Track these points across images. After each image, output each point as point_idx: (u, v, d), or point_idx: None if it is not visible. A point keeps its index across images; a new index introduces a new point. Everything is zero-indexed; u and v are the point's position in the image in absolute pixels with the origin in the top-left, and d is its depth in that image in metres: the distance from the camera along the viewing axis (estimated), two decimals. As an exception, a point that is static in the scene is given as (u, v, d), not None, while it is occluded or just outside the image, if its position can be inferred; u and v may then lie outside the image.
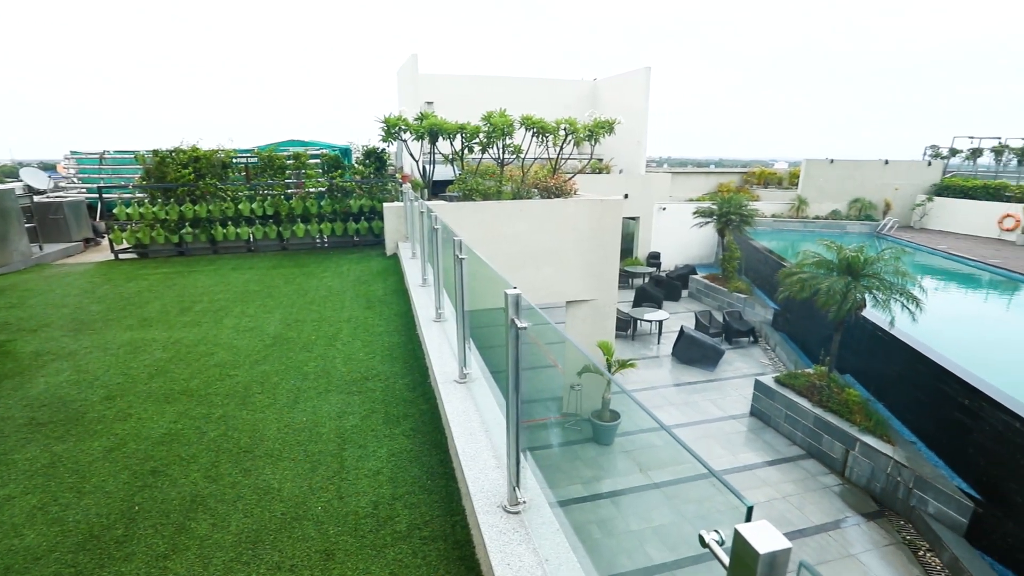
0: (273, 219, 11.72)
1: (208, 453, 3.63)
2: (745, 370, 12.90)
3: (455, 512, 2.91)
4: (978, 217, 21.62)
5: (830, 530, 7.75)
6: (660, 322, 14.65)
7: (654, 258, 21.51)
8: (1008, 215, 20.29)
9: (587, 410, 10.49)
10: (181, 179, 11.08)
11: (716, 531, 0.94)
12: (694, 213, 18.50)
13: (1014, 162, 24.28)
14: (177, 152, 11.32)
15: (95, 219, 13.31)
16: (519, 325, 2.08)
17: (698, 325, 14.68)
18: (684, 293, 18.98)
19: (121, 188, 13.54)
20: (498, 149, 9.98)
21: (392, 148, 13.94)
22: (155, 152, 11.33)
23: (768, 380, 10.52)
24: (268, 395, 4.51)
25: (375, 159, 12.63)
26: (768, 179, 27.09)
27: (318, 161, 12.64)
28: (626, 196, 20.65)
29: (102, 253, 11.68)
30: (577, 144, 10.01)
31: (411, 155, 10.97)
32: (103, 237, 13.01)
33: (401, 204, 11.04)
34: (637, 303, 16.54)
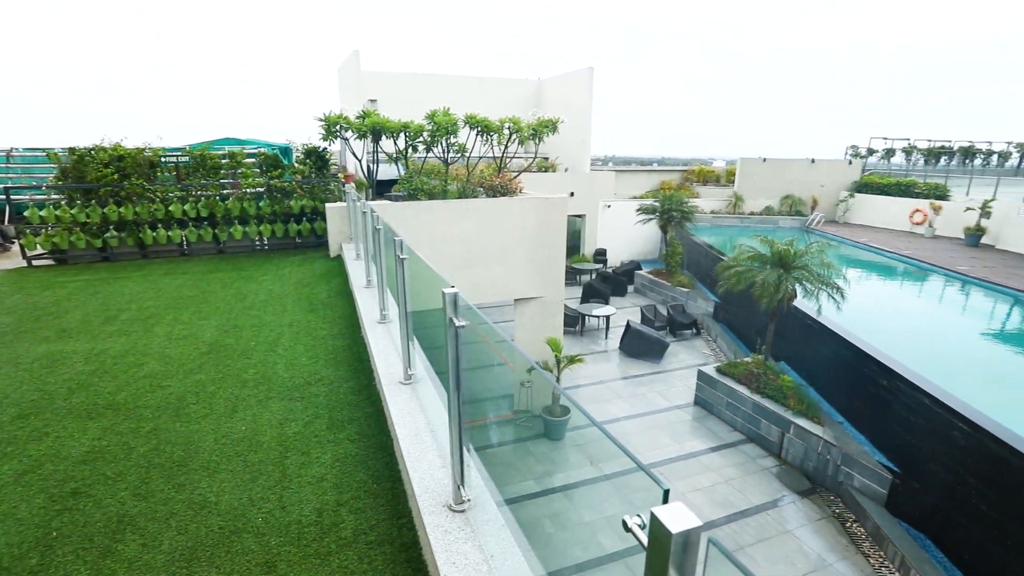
0: (208, 221, 11.18)
1: (137, 470, 3.43)
2: (689, 361, 13.39)
3: (401, 515, 2.89)
4: (893, 212, 23.32)
5: (768, 509, 8.17)
6: (607, 317, 14.99)
7: (600, 255, 21.96)
8: (917, 210, 21.99)
9: (538, 406, 10.61)
10: (103, 179, 10.37)
11: (639, 515, 0.98)
12: (637, 210, 19.03)
13: (921, 161, 26.36)
14: (97, 150, 10.59)
15: (2, 223, 12.28)
16: (457, 324, 2.08)
17: (644, 319, 15.12)
18: (630, 288, 19.49)
19: (33, 189, 12.54)
20: (443, 148, 9.93)
21: (336, 147, 13.59)
22: (71, 150, 10.55)
23: (710, 370, 10.97)
24: (204, 405, 4.30)
25: (316, 158, 12.27)
26: (707, 177, 28.20)
27: (255, 160, 12.15)
28: (572, 194, 20.99)
29: (11, 260, 10.78)
30: (522, 143, 10.09)
31: (354, 154, 10.74)
32: (13, 242, 12.02)
33: (344, 204, 10.79)
34: (585, 299, 16.85)
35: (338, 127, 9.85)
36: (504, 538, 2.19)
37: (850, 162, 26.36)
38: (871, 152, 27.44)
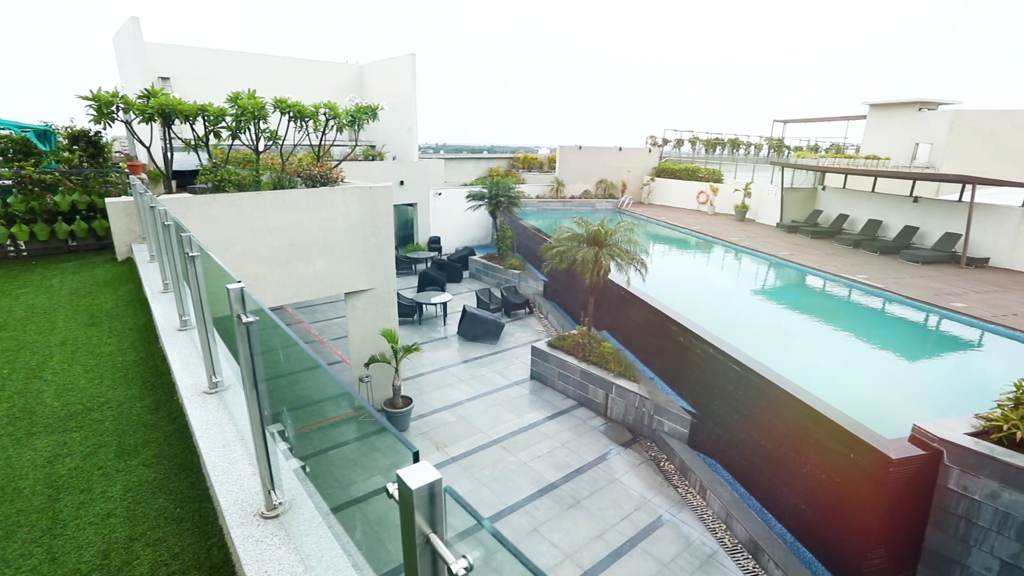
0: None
1: None
2: (524, 339, 14.18)
3: (211, 534, 2.62)
4: (684, 194, 27.16)
5: (599, 463, 9.08)
6: (444, 304, 15.16)
7: (435, 242, 22.05)
8: (701, 191, 25.94)
9: (380, 400, 10.38)
10: None
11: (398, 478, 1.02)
12: (467, 197, 19.44)
13: (703, 150, 31.05)
14: None
15: None
16: (245, 320, 1.94)
17: (479, 303, 15.60)
18: (465, 274, 19.93)
19: None
20: (252, 135, 9.01)
21: (122, 132, 11.53)
22: None
23: (542, 345, 11.75)
24: (-70, 456, 3.41)
25: (88, 144, 10.31)
26: (531, 164, 29.83)
27: (-3, 146, 9.81)
28: (402, 183, 20.70)
29: None
30: (340, 130, 9.61)
31: (140, 141, 9.23)
32: None
33: (132, 199, 9.26)
34: (421, 288, 16.82)
35: (114, 108, 8.36)
36: (321, 536, 2.12)
37: (649, 150, 29.96)
38: (665, 141, 31.52)
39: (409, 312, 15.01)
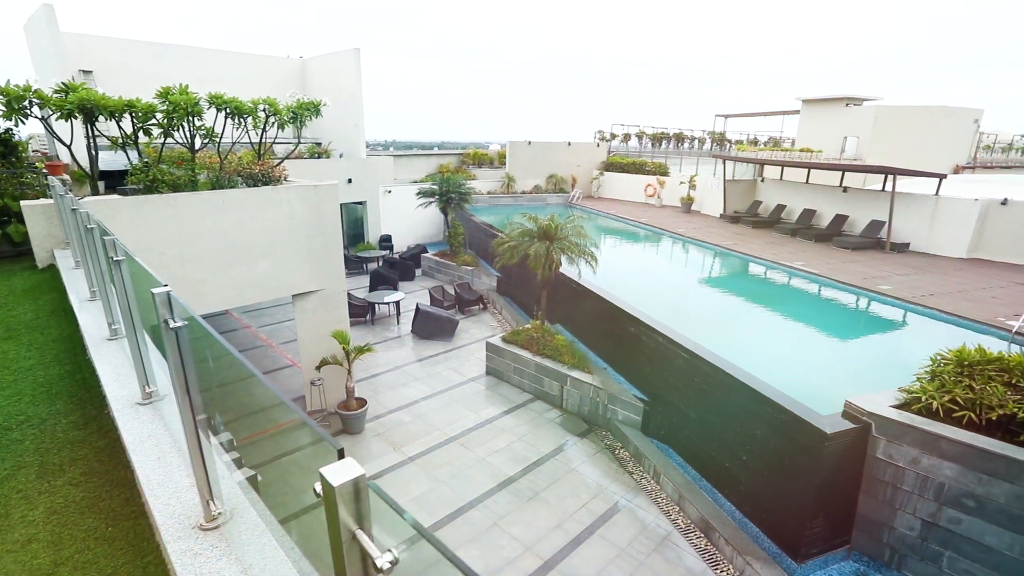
0: None
1: None
2: (478, 335, 14.17)
3: (146, 552, 2.50)
4: (632, 187, 27.78)
5: (556, 455, 9.20)
6: (397, 303, 14.96)
7: (386, 241, 21.70)
8: (649, 184, 26.60)
9: (333, 403, 10.15)
10: None
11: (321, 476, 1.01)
12: (417, 194, 19.21)
13: (649, 144, 31.85)
14: None
15: None
16: (173, 326, 1.85)
17: (433, 300, 15.47)
18: (418, 272, 19.73)
19: None
20: (185, 133, 8.57)
21: (40, 130, 10.71)
22: None
23: (497, 340, 11.77)
24: None
25: (-1, 143, 9.54)
26: (481, 159, 29.78)
27: None
28: (350, 181, 20.25)
29: None
30: (282, 127, 9.29)
31: (58, 139, 8.61)
32: None
33: (52, 201, 8.65)
34: (373, 287, 16.53)
35: (27, 103, 7.76)
36: (265, 544, 2.06)
37: (597, 145, 30.46)
38: (613, 136, 32.12)
39: (361, 312, 14.72)
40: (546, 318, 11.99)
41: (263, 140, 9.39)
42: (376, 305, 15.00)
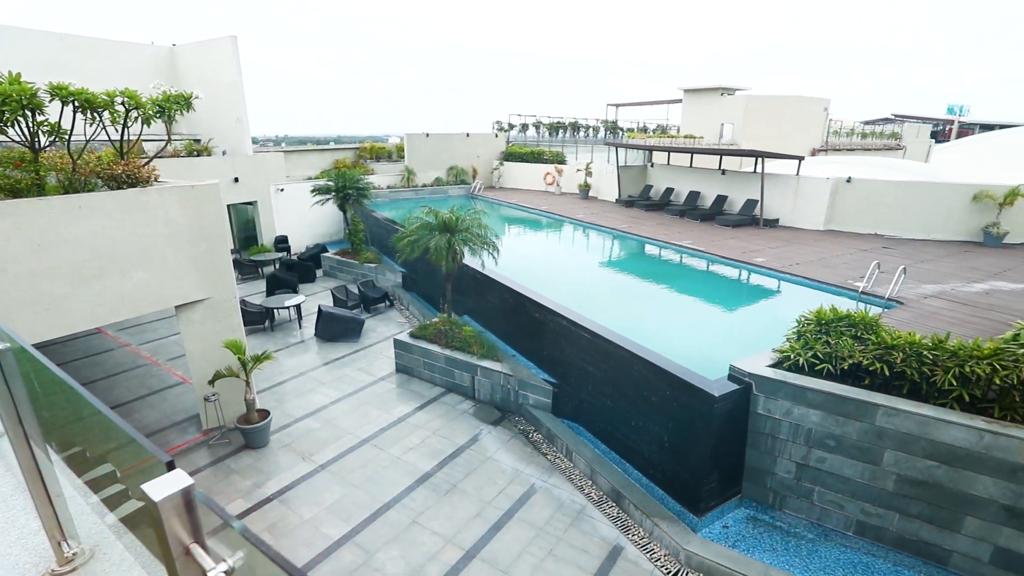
0: None
1: None
2: (386, 333, 13.87)
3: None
4: (532, 176, 28.36)
5: (472, 445, 9.27)
6: (298, 306, 14.25)
7: (282, 242, 20.55)
8: (548, 173, 27.31)
9: (232, 418, 9.50)
10: None
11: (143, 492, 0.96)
12: (312, 192, 18.33)
13: (546, 134, 32.64)
14: None
15: None
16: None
17: (336, 301, 14.90)
18: (319, 272, 18.89)
19: None
20: (23, 129, 7.49)
21: None
22: None
23: (405, 336, 11.60)
24: None
25: None
26: (380, 153, 28.95)
27: None
28: (236, 180, 18.89)
29: None
30: (147, 122, 8.41)
31: None
32: None
33: None
34: (271, 292, 15.61)
35: None
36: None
37: (496, 135, 30.71)
38: (511, 126, 32.51)
39: (259, 319, 13.85)
40: (453, 310, 11.99)
41: (126, 137, 8.47)
42: (275, 310, 14.18)
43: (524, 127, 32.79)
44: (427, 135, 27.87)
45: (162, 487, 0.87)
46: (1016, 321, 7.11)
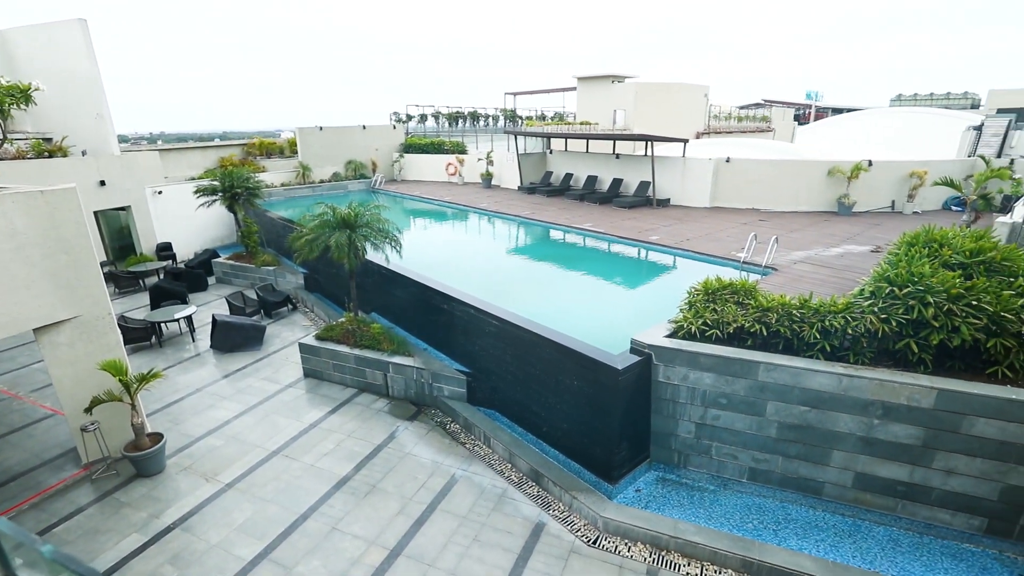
0: None
1: None
2: (291, 337, 13.19)
3: None
4: (434, 167, 28.04)
5: (389, 443, 9.11)
6: (189, 318, 13.14)
7: (165, 249, 18.82)
8: (449, 163, 27.13)
9: (118, 446, 8.61)
10: None
11: None
12: (195, 193, 16.88)
13: (446, 124, 32.34)
14: None
15: None
16: None
17: (233, 309, 13.92)
18: (211, 280, 17.52)
19: None
20: None
21: None
22: None
23: (310, 340, 11.11)
24: None
25: None
26: (270, 149, 27.19)
27: None
28: (103, 183, 17.01)
29: None
30: (-23, 120, 7.33)
31: None
32: None
33: None
34: (156, 304, 14.27)
35: None
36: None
37: (394, 127, 29.96)
38: (410, 117, 31.84)
39: (144, 336, 12.62)
40: (360, 308, 11.65)
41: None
42: (162, 324, 12.97)
43: (423, 118, 32.23)
44: (320, 128, 26.59)
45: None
46: (861, 278, 8.15)
